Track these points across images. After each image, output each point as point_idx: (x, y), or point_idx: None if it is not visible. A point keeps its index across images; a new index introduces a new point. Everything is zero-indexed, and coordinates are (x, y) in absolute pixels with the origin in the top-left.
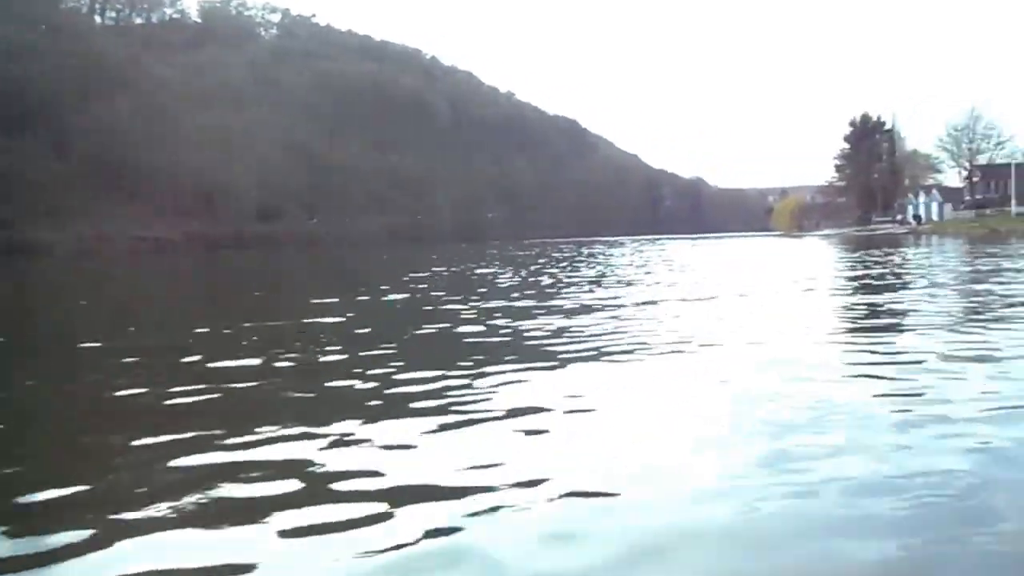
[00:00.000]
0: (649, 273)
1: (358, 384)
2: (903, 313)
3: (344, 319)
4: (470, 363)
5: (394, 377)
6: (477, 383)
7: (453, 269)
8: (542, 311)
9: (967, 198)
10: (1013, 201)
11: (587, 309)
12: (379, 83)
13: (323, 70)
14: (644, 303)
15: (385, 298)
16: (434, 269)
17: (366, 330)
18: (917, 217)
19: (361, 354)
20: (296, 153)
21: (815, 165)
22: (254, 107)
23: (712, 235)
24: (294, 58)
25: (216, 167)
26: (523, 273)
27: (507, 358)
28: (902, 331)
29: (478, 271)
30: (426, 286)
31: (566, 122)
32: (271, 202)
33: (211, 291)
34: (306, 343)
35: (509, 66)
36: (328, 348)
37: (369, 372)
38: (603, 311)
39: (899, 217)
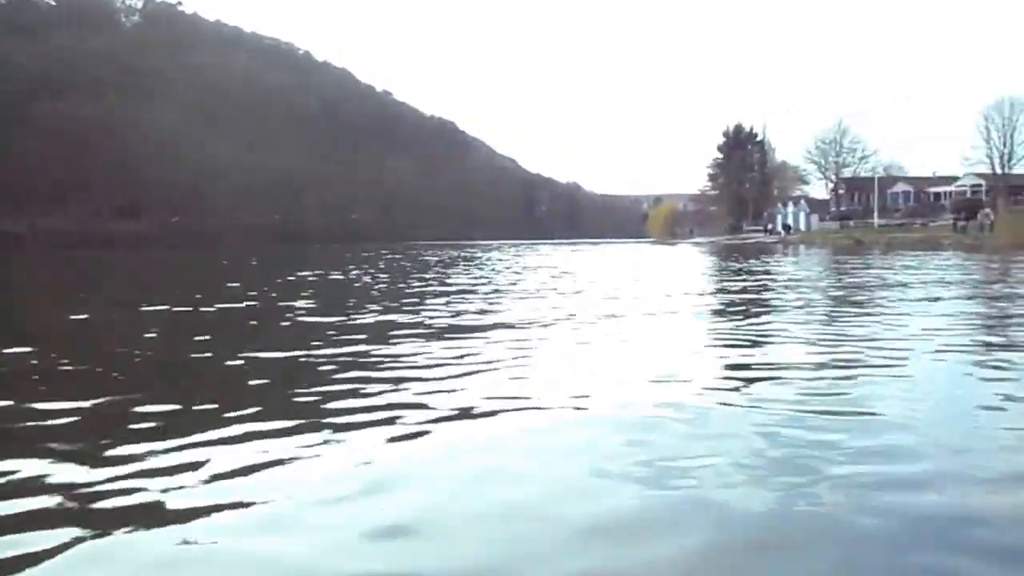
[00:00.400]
0: (520, 282)
1: None
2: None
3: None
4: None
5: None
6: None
7: (318, 274)
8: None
9: (832, 209)
10: (875, 213)
11: (429, 333)
12: (249, 77)
13: (187, 60)
14: (502, 325)
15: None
16: (299, 274)
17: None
18: (787, 227)
19: None
20: (158, 147)
21: (688, 173)
22: (112, 97)
23: (588, 240)
24: (157, 47)
25: (69, 159)
26: (397, 279)
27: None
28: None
29: (338, 275)
30: (276, 294)
31: (443, 123)
32: (131, 198)
33: None
34: None
35: (387, 65)
36: None
37: None
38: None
39: (769, 227)
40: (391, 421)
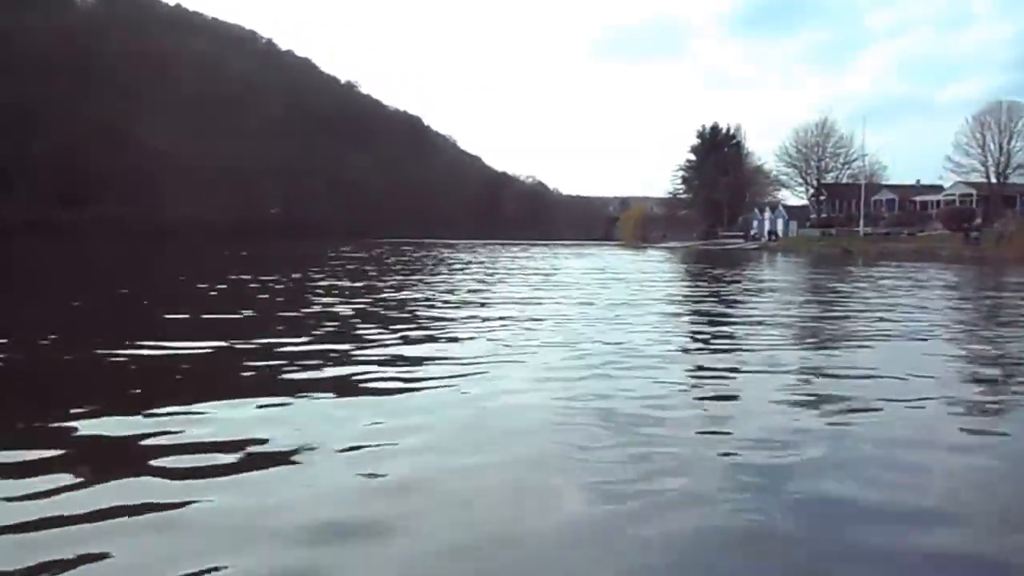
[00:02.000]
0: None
1: None
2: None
3: None
4: None
5: None
6: None
7: (274, 278)
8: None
9: (812, 216)
10: (862, 221)
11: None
12: (205, 63)
13: (144, 45)
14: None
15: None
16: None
17: None
18: (773, 234)
19: None
20: (107, 133)
21: (656, 175)
22: (61, 80)
23: (553, 242)
24: (110, 30)
25: (8, 142)
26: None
27: None
28: None
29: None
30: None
31: (408, 117)
32: (75, 186)
33: None
34: None
35: (352, 58)
36: None
37: None
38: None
39: (754, 233)
40: None
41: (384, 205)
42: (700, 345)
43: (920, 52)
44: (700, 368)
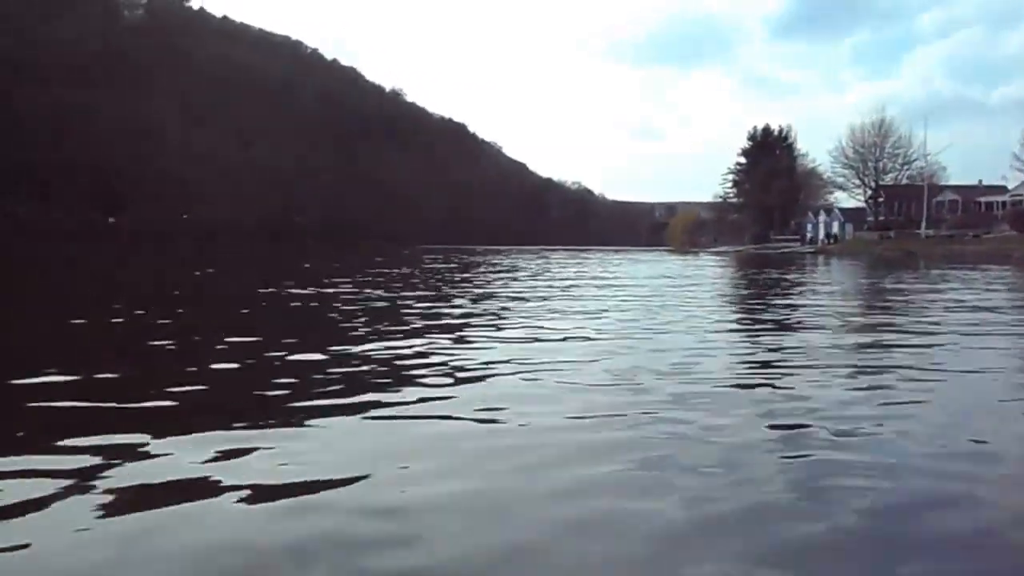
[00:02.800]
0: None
1: None
2: None
3: None
4: None
5: None
6: None
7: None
8: None
9: (870, 219)
10: (924, 223)
11: None
12: (249, 71)
13: (186, 54)
14: None
15: None
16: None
17: None
18: (831, 236)
19: None
20: (147, 139)
21: (700, 180)
22: (102, 87)
23: (605, 248)
24: (159, 39)
25: (49, 148)
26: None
27: None
28: None
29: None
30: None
31: (453, 125)
32: (115, 191)
33: None
34: None
35: (398, 67)
36: None
37: None
38: None
39: (809, 236)
40: None
41: (430, 212)
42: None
43: (970, 52)
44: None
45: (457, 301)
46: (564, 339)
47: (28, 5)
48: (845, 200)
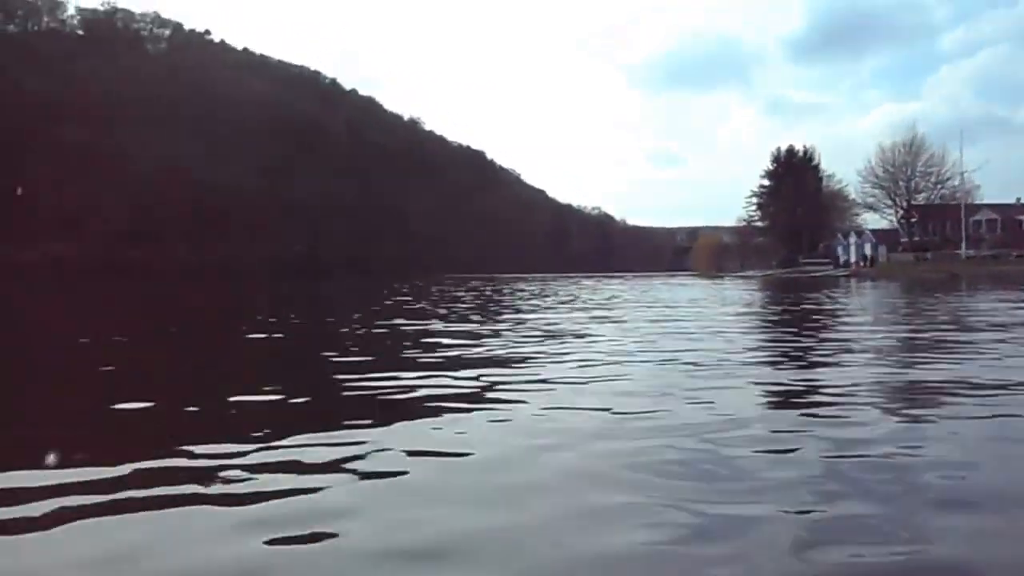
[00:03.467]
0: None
1: None
2: None
3: None
4: None
5: None
6: None
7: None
8: None
9: (904, 239)
10: (964, 243)
11: None
12: (273, 105)
13: (213, 88)
14: None
15: None
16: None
17: None
18: (866, 258)
19: None
20: (170, 174)
21: (720, 204)
22: (132, 124)
23: (626, 273)
24: (182, 74)
25: (82, 185)
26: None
27: None
28: None
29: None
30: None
31: (471, 152)
32: (144, 226)
33: None
34: None
35: (416, 96)
36: None
37: None
38: None
39: (846, 259)
40: None
41: (453, 242)
42: None
43: (997, 70)
44: None
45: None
46: None
47: (54, 42)
48: (874, 221)
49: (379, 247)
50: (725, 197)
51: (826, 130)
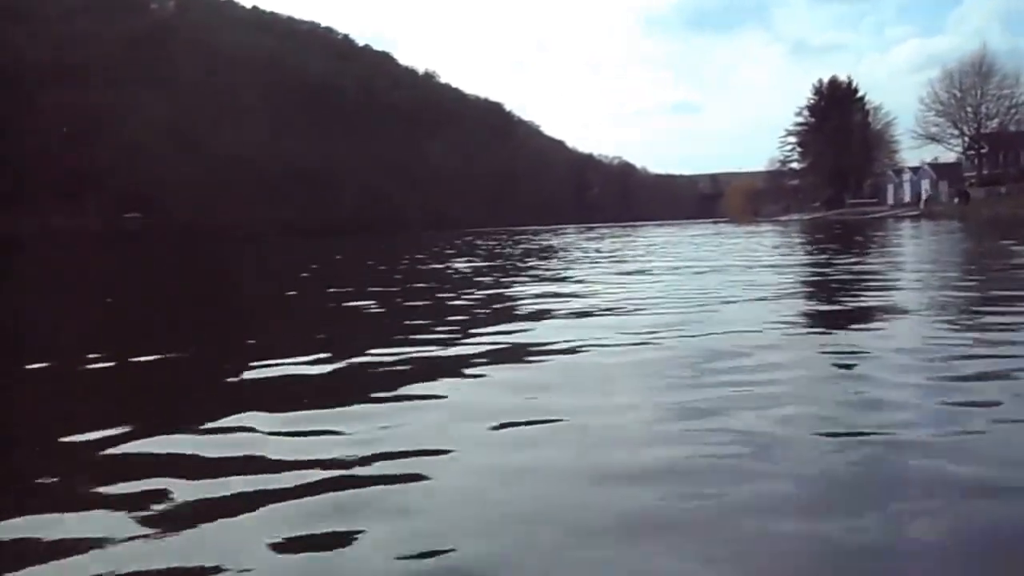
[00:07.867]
0: None
1: None
2: None
3: None
4: None
5: None
6: None
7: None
8: None
9: (970, 174)
10: None
11: None
12: (282, 63)
13: (218, 48)
14: None
15: None
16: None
17: None
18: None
19: None
20: (175, 136)
21: (744, 150)
22: (130, 85)
23: (653, 223)
24: (186, 34)
25: (79, 151)
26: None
27: None
28: None
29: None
30: None
31: (488, 104)
32: (145, 192)
33: None
34: None
35: (431, 48)
36: None
37: None
38: None
39: (914, 198)
40: None
41: (472, 195)
42: None
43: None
44: None
45: None
46: None
47: (49, 2)
48: (927, 156)
49: (399, 205)
50: (746, 142)
51: (850, 70)
